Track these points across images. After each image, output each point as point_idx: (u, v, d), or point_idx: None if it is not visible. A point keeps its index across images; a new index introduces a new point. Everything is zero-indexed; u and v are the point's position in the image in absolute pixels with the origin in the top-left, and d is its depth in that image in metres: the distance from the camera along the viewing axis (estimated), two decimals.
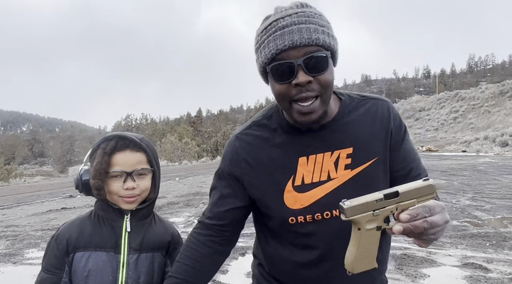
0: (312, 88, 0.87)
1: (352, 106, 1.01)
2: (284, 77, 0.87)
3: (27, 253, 4.62)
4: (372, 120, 0.99)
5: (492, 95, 47.06)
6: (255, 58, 0.95)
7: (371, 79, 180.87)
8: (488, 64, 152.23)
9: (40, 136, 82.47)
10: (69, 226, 1.18)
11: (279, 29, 0.87)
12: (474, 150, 23.75)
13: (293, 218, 0.97)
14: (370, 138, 0.98)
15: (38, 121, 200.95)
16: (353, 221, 0.75)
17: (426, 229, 0.72)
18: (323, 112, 0.92)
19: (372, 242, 0.77)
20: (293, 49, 0.85)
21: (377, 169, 0.97)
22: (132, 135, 1.17)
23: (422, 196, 0.76)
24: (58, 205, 8.88)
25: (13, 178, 26.34)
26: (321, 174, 0.96)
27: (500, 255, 3.94)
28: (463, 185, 9.25)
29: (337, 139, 0.97)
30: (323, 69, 0.87)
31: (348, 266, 0.78)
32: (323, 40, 0.87)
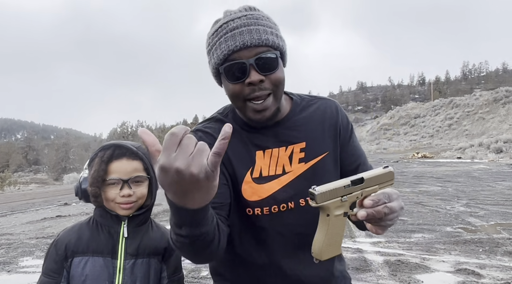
0: (264, 87, 0.91)
1: (302, 105, 1.07)
2: (237, 77, 0.90)
3: (22, 261, 4.59)
4: (322, 118, 1.05)
5: (486, 102, 47.48)
6: (208, 60, 0.98)
7: (366, 86, 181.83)
8: (482, 72, 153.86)
9: (35, 143, 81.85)
10: (68, 232, 1.21)
11: (229, 31, 0.90)
12: (469, 156, 23.87)
13: (250, 209, 0.99)
14: (321, 134, 1.03)
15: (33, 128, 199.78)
16: (322, 207, 0.76)
17: (386, 214, 0.76)
18: (276, 109, 0.96)
19: (339, 228, 0.79)
20: (244, 50, 0.89)
21: (329, 163, 1.02)
22: (129, 143, 1.21)
23: (383, 182, 0.81)
24: (53, 212, 8.83)
25: (7, 186, 26.09)
26: (276, 168, 0.99)
27: (493, 261, 3.97)
28: (458, 191, 9.31)
29: (290, 135, 1.01)
30: (274, 68, 0.91)
31: (316, 253, 0.79)
32: (272, 41, 0.91)
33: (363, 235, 5.24)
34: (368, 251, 4.46)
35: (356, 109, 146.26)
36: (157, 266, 1.22)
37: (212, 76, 1.00)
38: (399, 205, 0.79)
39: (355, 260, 4.13)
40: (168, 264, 1.24)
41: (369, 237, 5.12)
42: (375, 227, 0.80)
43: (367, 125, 78.47)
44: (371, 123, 75.69)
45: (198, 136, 0.99)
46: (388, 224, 0.80)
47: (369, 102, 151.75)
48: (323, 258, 0.79)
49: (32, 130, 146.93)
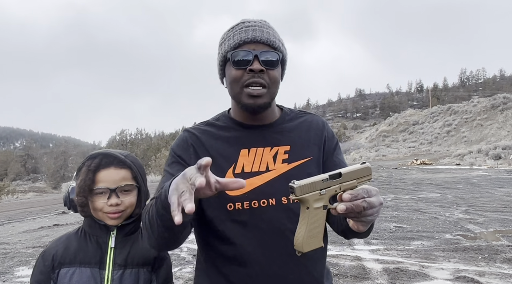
0: (262, 78, 1.00)
1: (291, 116, 1.16)
2: (241, 64, 1.00)
3: (17, 271, 4.55)
4: (308, 128, 1.14)
5: (484, 109, 47.66)
6: (217, 52, 1.09)
7: (365, 94, 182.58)
8: (479, 79, 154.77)
9: (33, 152, 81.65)
10: (56, 243, 1.20)
11: (245, 27, 1.03)
12: (468, 163, 23.87)
13: (231, 204, 1.01)
14: (305, 141, 1.11)
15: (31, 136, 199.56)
16: (302, 200, 0.79)
17: (365, 208, 0.78)
18: (268, 103, 1.04)
19: (319, 221, 0.81)
20: (253, 43, 1.01)
21: (311, 167, 1.07)
22: (117, 152, 1.19)
23: (361, 177, 0.85)
24: (50, 221, 8.78)
25: (5, 195, 25.98)
26: (260, 165, 1.04)
27: (492, 268, 3.95)
28: (457, 198, 9.29)
29: (277, 138, 1.09)
30: (274, 66, 1.02)
31: (298, 245, 0.81)
32: (278, 46, 1.04)
33: (362, 242, 5.21)
34: (367, 259, 4.43)
35: (355, 117, 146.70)
36: (146, 277, 1.19)
37: (217, 67, 1.09)
38: (378, 200, 0.81)
39: (354, 268, 4.10)
40: (158, 274, 1.22)
41: (368, 245, 5.09)
42: (356, 222, 0.84)
43: (365, 132, 78.53)
44: (370, 131, 75.78)
45: (184, 136, 1.10)
46: (369, 220, 0.82)
47: (367, 109, 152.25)
48: (305, 250, 0.81)
49: (31, 138, 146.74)
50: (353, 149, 55.92)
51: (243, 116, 1.09)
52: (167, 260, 1.26)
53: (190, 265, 4.44)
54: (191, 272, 4.18)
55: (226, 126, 1.11)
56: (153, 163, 34.06)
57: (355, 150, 53.92)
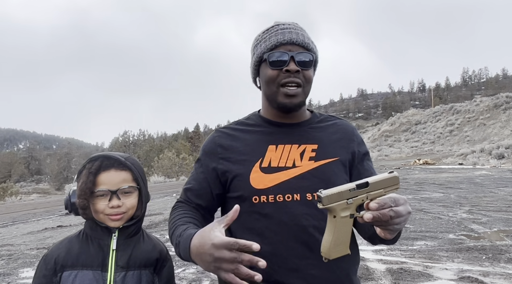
0: (298, 77, 1.05)
1: (321, 118, 1.19)
2: (278, 64, 1.05)
3: (22, 272, 4.57)
4: (336, 131, 1.16)
5: (487, 108, 47.48)
6: (251, 55, 1.13)
7: (367, 94, 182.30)
8: (482, 78, 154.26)
9: (37, 153, 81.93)
10: (58, 246, 1.20)
11: (280, 29, 1.08)
12: (471, 162, 23.77)
13: (257, 197, 1.04)
14: (333, 143, 1.13)
15: (35, 138, 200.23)
16: (329, 209, 0.81)
17: (392, 217, 0.79)
18: (302, 103, 1.09)
19: (346, 229, 0.83)
20: (289, 45, 1.05)
21: (337, 167, 1.09)
22: (117, 154, 1.20)
23: (388, 186, 0.84)
24: (54, 223, 8.80)
25: (9, 196, 26.09)
26: (287, 161, 1.07)
27: (496, 268, 3.94)
28: (460, 197, 9.26)
29: (305, 137, 1.11)
30: (308, 66, 1.07)
31: (325, 252, 0.83)
32: (312, 48, 1.09)
33: (365, 243, 5.20)
34: (370, 259, 4.43)
35: (357, 116, 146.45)
36: (149, 278, 1.20)
37: (251, 67, 1.14)
38: (405, 209, 0.82)
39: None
40: (161, 276, 1.22)
41: (371, 245, 5.08)
42: (383, 230, 0.84)
43: (368, 132, 78.35)
44: (372, 130, 75.60)
45: (213, 136, 1.16)
46: (396, 228, 0.83)
47: (369, 109, 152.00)
48: (331, 257, 0.83)
49: (34, 140, 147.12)
50: None
51: (273, 114, 1.13)
52: (169, 262, 1.27)
53: (193, 266, 4.45)
54: (194, 273, 4.19)
55: (256, 124, 1.15)
56: (155, 164, 34.08)
57: None
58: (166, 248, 1.30)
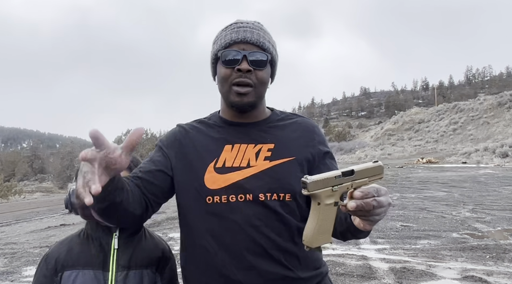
0: (249, 78, 1.03)
1: (281, 117, 1.17)
2: (231, 63, 1.04)
3: (25, 270, 4.59)
4: (296, 129, 1.14)
5: (491, 106, 47.23)
6: (210, 50, 1.12)
7: (370, 92, 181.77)
8: (486, 76, 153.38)
9: (40, 152, 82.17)
10: (59, 246, 1.19)
11: (236, 27, 1.07)
12: (474, 161, 23.66)
13: (210, 197, 1.03)
14: (291, 142, 1.10)
15: (38, 137, 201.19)
16: (314, 195, 0.79)
17: (374, 207, 0.79)
18: (254, 102, 1.07)
19: (330, 217, 0.81)
20: (243, 44, 1.04)
21: (293, 167, 1.06)
22: None
23: (373, 175, 0.84)
24: (57, 221, 8.84)
25: (12, 195, 26.21)
26: (242, 161, 1.05)
27: (500, 267, 3.91)
28: (464, 196, 9.22)
29: (262, 136, 1.10)
30: (262, 66, 1.05)
31: (307, 240, 0.81)
32: (267, 47, 1.07)
33: (368, 241, 5.19)
34: (373, 258, 4.41)
35: (360, 115, 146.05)
36: (151, 277, 1.19)
37: (210, 64, 1.13)
38: (387, 200, 0.81)
39: (360, 267, 4.09)
40: (163, 275, 1.21)
41: (374, 244, 5.07)
42: (363, 221, 0.83)
43: (371, 131, 78.18)
44: (375, 129, 75.39)
45: (174, 130, 1.16)
46: (376, 219, 0.82)
47: (372, 107, 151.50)
48: (313, 245, 0.81)
49: (38, 139, 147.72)
50: (358, 147, 55.69)
51: (230, 114, 1.12)
52: (171, 261, 1.26)
53: None
54: None
55: (215, 124, 1.14)
56: None
57: (360, 148, 53.70)
58: (168, 246, 1.29)
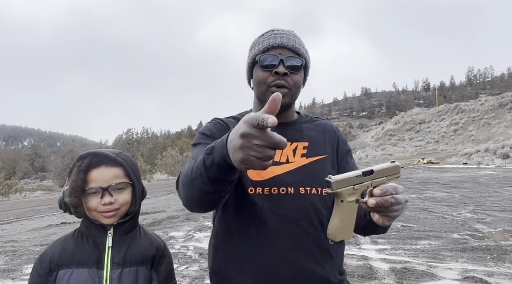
0: (285, 80, 1.11)
1: (307, 119, 1.28)
2: (268, 66, 1.12)
3: (26, 268, 4.59)
4: (322, 130, 1.24)
5: (492, 107, 47.16)
6: (247, 56, 1.20)
7: (371, 92, 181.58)
8: (487, 77, 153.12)
9: (41, 150, 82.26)
10: (53, 245, 1.19)
11: (273, 34, 1.16)
12: (475, 162, 23.63)
13: (252, 188, 1.09)
14: (321, 141, 1.21)
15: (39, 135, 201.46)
16: (337, 193, 0.86)
17: (392, 204, 0.85)
18: (289, 104, 1.16)
19: (352, 213, 0.88)
20: (281, 49, 1.12)
21: (326, 164, 1.16)
22: (107, 151, 1.19)
23: (391, 175, 0.92)
24: (58, 219, 8.85)
25: (13, 193, 26.25)
26: (281, 157, 1.13)
27: (501, 268, 3.91)
28: (464, 197, 9.21)
29: (296, 135, 1.19)
30: (297, 70, 1.13)
31: (331, 234, 0.89)
32: (302, 53, 1.15)
33: (368, 242, 5.19)
34: (374, 258, 4.41)
35: (361, 115, 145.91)
36: (146, 275, 1.19)
37: (246, 69, 1.21)
38: (404, 197, 0.88)
39: (360, 267, 4.09)
40: (159, 272, 1.22)
41: (375, 244, 5.07)
42: (382, 217, 0.89)
43: (371, 131, 78.13)
44: (376, 129, 75.34)
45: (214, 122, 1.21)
46: (394, 215, 0.88)
47: (373, 108, 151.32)
48: (337, 239, 0.89)
49: (39, 137, 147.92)
50: (359, 147, 55.65)
51: None
52: (167, 257, 1.26)
53: (196, 264, 4.45)
54: (197, 270, 4.19)
55: None
56: (159, 162, 34.16)
57: (361, 148, 53.66)
58: (164, 243, 1.29)
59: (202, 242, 5.50)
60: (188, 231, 6.36)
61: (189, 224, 7.08)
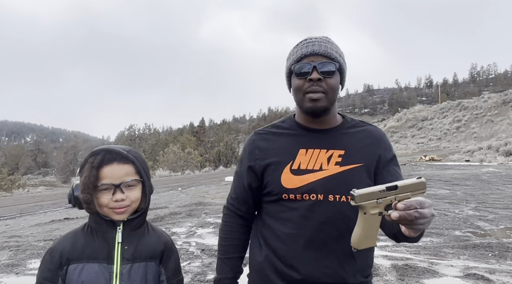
0: (320, 85, 1.16)
1: (352, 124, 1.29)
2: (303, 74, 1.17)
3: (30, 263, 4.63)
4: (366, 137, 1.25)
5: (495, 104, 46.96)
6: (285, 65, 1.27)
7: (373, 89, 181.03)
8: (490, 74, 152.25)
9: (44, 146, 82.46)
10: (63, 239, 1.20)
11: (306, 43, 1.21)
12: (478, 159, 23.55)
13: (286, 195, 1.19)
14: (360, 149, 1.22)
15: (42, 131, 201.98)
16: (360, 206, 0.92)
17: (416, 218, 0.89)
18: (326, 107, 1.19)
19: (375, 225, 0.94)
20: (313, 56, 1.17)
21: (361, 173, 1.19)
22: (119, 147, 1.19)
23: (415, 190, 0.94)
24: (61, 215, 8.90)
25: (16, 188, 26.39)
26: (315, 164, 1.19)
27: (503, 265, 3.91)
28: (466, 194, 9.20)
29: (333, 142, 1.22)
30: (331, 75, 1.17)
31: (354, 243, 0.95)
32: (335, 57, 1.18)
33: None
34: (375, 255, 4.42)
35: (363, 112, 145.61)
36: (155, 270, 1.21)
37: (285, 78, 1.27)
38: (430, 212, 0.91)
39: None
40: (167, 267, 1.24)
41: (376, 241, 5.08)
42: (408, 229, 0.94)
43: None
44: (378, 126, 74.97)
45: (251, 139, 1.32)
46: (419, 228, 0.92)
47: (376, 105, 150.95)
48: (360, 247, 0.95)
49: (41, 133, 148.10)
50: None
51: (306, 120, 1.25)
52: (174, 253, 1.28)
53: (198, 260, 4.48)
54: (199, 266, 4.22)
55: (289, 127, 1.28)
56: (161, 158, 34.23)
57: None
58: (171, 240, 1.31)
59: (204, 238, 5.53)
60: (190, 227, 6.38)
61: (191, 220, 7.11)
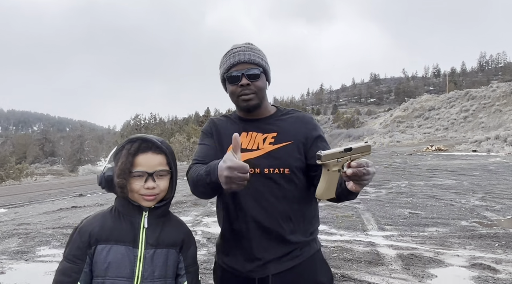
0: (250, 88, 1.39)
1: (284, 112, 1.52)
2: (234, 81, 1.40)
3: (39, 250, 4.70)
4: (295, 121, 1.48)
5: (504, 94, 46.30)
6: (219, 73, 1.48)
7: (379, 78, 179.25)
8: (499, 63, 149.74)
9: (51, 135, 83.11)
10: (92, 220, 1.25)
11: (232, 53, 1.42)
12: (485, 149, 23.36)
13: None
14: (290, 130, 1.45)
15: (49, 121, 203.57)
16: (324, 164, 1.13)
17: (364, 174, 1.10)
18: (258, 104, 1.42)
19: (335, 180, 1.16)
20: (239, 64, 1.39)
21: (292, 149, 1.41)
22: (154, 138, 1.26)
23: (364, 152, 1.17)
24: (68, 203, 9.01)
25: (24, 177, 26.73)
26: (253, 145, 1.43)
27: (509, 255, 3.90)
28: (473, 185, 9.15)
29: (268, 127, 1.46)
30: (257, 78, 1.40)
31: (319, 194, 1.16)
32: (258, 62, 1.41)
33: (376, 228, 5.20)
34: (381, 245, 4.43)
35: (369, 102, 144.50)
36: (175, 257, 1.26)
37: (221, 83, 1.49)
38: (373, 170, 1.13)
39: (368, 253, 4.11)
40: (186, 256, 1.29)
41: (382, 231, 5.08)
42: (355, 184, 1.13)
43: (380, 118, 77.42)
44: (384, 116, 74.64)
45: (209, 122, 1.57)
46: (364, 183, 1.13)
47: (382, 94, 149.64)
48: (323, 198, 1.17)
49: (48, 122, 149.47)
50: (366, 134, 55.36)
51: (243, 114, 1.49)
52: (193, 243, 1.34)
53: (204, 248, 4.52)
54: (205, 254, 4.26)
55: (235, 118, 1.54)
56: None
57: (368, 135, 53.37)
58: (190, 230, 1.36)
59: (210, 227, 5.57)
60: (196, 216, 6.43)
61: (197, 209, 7.16)
